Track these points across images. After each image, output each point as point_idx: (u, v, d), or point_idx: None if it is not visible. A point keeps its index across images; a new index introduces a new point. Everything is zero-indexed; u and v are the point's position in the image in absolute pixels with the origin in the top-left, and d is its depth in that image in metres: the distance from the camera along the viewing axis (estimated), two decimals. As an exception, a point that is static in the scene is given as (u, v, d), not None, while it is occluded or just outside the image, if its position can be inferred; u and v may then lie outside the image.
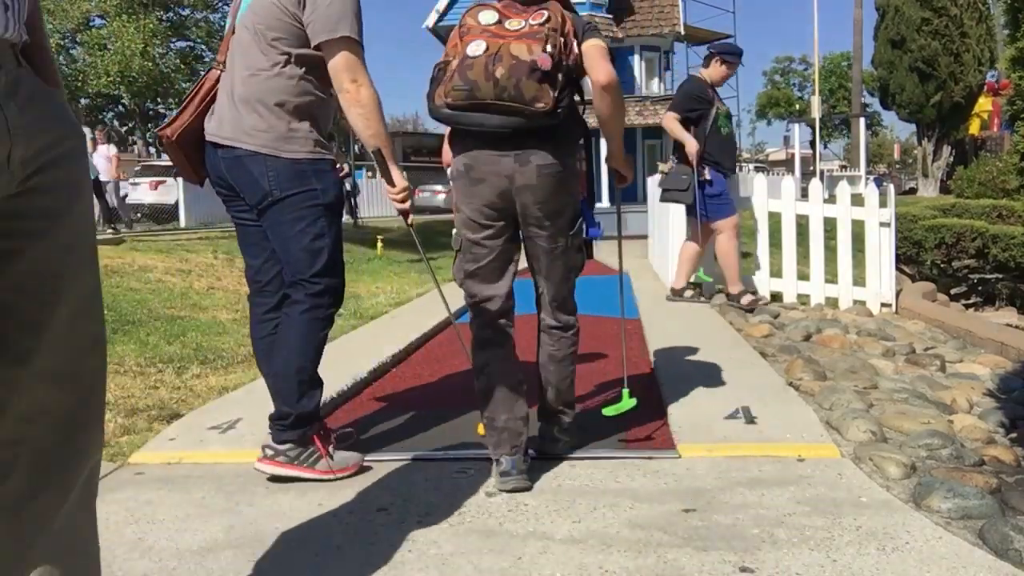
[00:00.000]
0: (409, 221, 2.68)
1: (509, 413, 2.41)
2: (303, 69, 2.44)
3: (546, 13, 2.28)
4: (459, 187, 2.42)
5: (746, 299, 5.65)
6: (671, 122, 5.69)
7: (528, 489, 2.36)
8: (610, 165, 2.70)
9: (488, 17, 2.32)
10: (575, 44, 2.32)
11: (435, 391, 3.67)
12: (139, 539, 2.10)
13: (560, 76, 2.23)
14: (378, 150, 2.45)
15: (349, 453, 2.59)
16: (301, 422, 2.47)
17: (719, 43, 6.79)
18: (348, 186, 17.55)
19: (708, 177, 5.58)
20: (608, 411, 2.76)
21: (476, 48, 2.25)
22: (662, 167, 6.02)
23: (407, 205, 2.61)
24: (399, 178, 2.53)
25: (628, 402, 2.74)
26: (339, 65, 2.38)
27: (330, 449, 2.51)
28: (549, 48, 2.20)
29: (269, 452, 2.48)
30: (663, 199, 6.03)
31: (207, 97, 2.52)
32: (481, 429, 2.56)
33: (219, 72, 2.53)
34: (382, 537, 2.06)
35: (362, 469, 2.55)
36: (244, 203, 2.53)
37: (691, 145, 5.54)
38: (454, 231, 2.53)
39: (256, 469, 2.48)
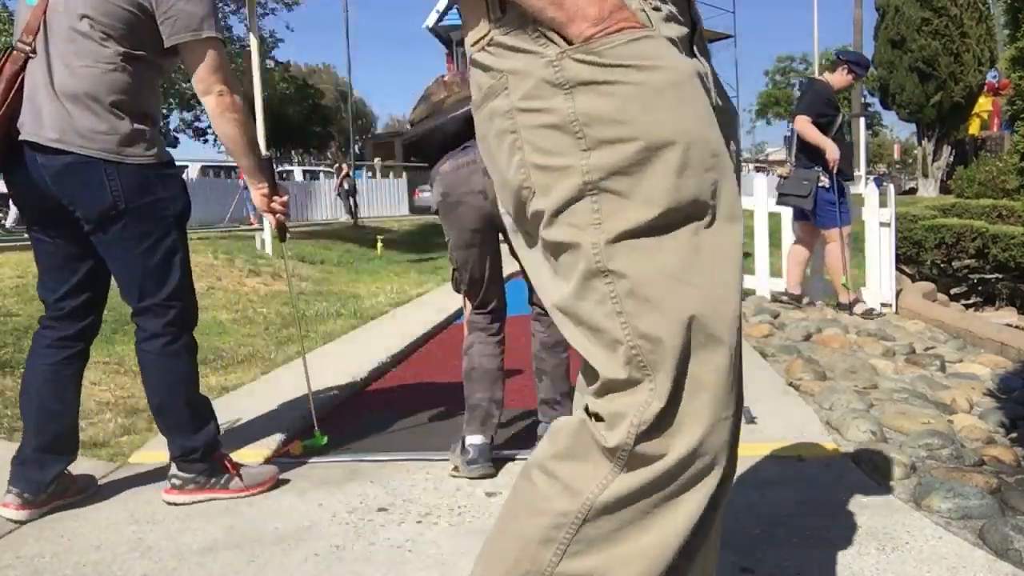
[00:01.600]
0: (286, 237, 2.61)
1: (484, 392, 2.59)
2: (142, 65, 2.20)
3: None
4: (442, 216, 2.58)
5: (859, 308, 5.53)
6: (806, 125, 5.54)
7: (493, 475, 2.48)
8: None
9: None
10: None
11: (435, 391, 3.67)
12: (139, 539, 2.10)
13: None
14: (269, 159, 2.33)
15: (262, 468, 2.49)
16: (210, 450, 2.35)
17: (850, 52, 6.44)
18: (347, 186, 17.55)
19: (826, 184, 5.47)
20: None
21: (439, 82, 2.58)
22: (780, 170, 5.93)
23: (284, 218, 2.51)
24: (282, 191, 2.47)
25: None
26: (206, 69, 2.18)
27: (240, 469, 2.40)
28: None
29: (177, 482, 2.33)
30: (780, 202, 5.82)
31: (12, 85, 2.12)
32: None
33: (25, 57, 2.14)
34: (382, 537, 2.06)
35: (278, 483, 2.45)
36: (59, 218, 2.18)
37: (832, 151, 5.40)
38: (448, 248, 2.63)
39: (166, 502, 2.32)
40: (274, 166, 2.39)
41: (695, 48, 1.03)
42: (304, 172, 26.49)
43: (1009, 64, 4.99)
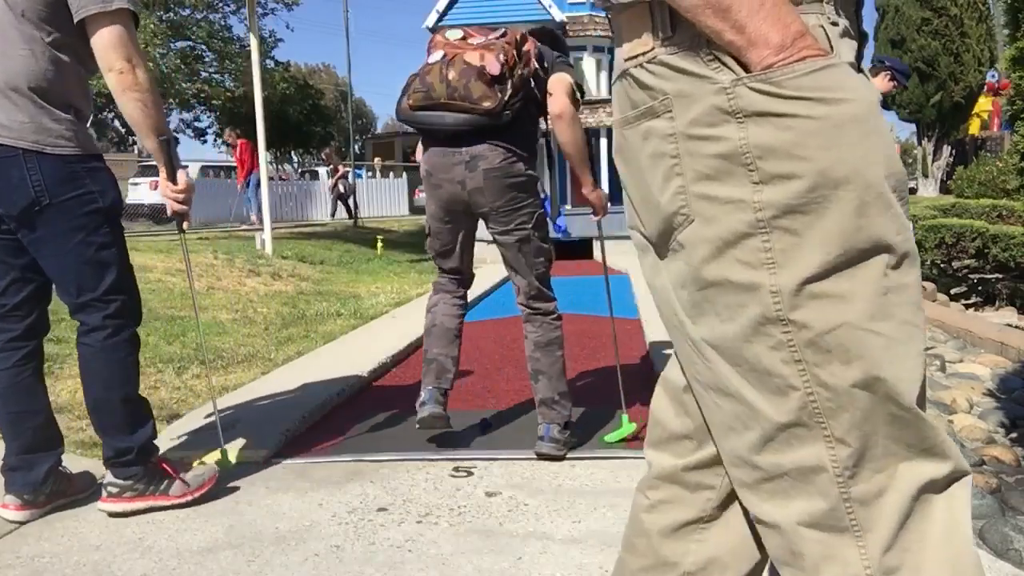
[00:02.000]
0: (185, 225, 2.36)
1: (441, 348, 2.76)
2: (64, 49, 2.09)
3: (504, 29, 2.60)
4: (425, 188, 2.73)
5: None
6: None
7: (442, 419, 2.63)
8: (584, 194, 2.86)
9: (454, 34, 2.60)
10: (534, 61, 2.57)
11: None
12: (139, 539, 2.10)
13: (509, 83, 2.48)
14: (166, 140, 2.16)
15: (201, 469, 2.40)
16: (145, 453, 2.24)
17: (894, 59, 6.26)
18: (343, 188, 17.45)
19: None
20: (609, 438, 2.80)
21: (435, 56, 2.54)
22: None
23: (186, 207, 2.31)
24: (183, 175, 2.27)
25: (628, 427, 2.79)
26: (110, 42, 2.03)
27: (181, 473, 2.31)
28: (501, 57, 2.47)
29: (113, 490, 2.21)
30: None
31: None
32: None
33: None
34: (382, 537, 2.06)
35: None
36: None
37: None
38: (425, 216, 2.80)
39: (101, 511, 2.23)
40: (173, 151, 2.21)
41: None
42: (303, 172, 26.53)
43: (1009, 64, 4.98)
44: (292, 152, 31.73)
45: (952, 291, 7.23)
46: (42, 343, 2.33)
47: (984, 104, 19.88)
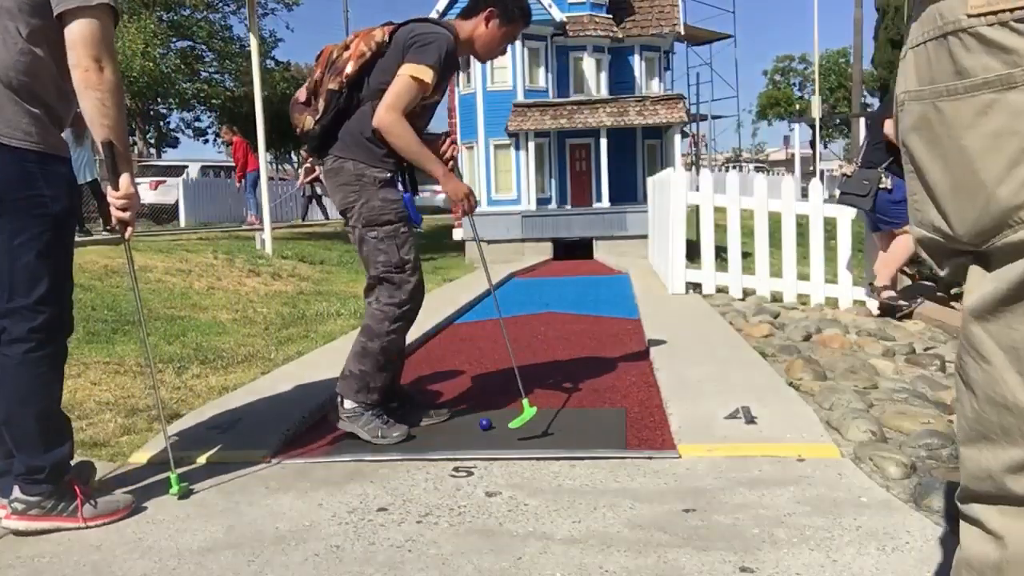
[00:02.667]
0: (127, 235, 2.29)
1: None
2: (41, 45, 2.02)
3: (328, 51, 2.82)
4: None
5: (886, 294, 5.40)
6: (893, 128, 5.47)
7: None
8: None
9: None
10: (352, 63, 2.73)
11: (435, 391, 3.67)
12: (139, 539, 2.10)
13: (321, 99, 2.76)
14: (109, 143, 2.08)
15: (117, 496, 2.28)
16: (57, 472, 2.13)
17: None
18: (319, 189, 17.17)
19: (889, 185, 5.34)
20: (513, 424, 2.83)
21: None
22: (844, 168, 5.75)
23: (127, 215, 2.21)
24: (126, 182, 2.17)
25: (529, 411, 2.83)
26: (81, 36, 1.98)
27: (92, 495, 2.20)
28: (308, 84, 2.85)
29: (19, 507, 2.10)
30: (840, 201, 5.67)
31: None
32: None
33: None
34: (382, 537, 2.06)
35: (137, 510, 2.26)
36: None
37: None
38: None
39: (4, 528, 2.13)
40: (119, 156, 2.12)
41: None
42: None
43: (1009, 64, 4.98)
44: (292, 152, 31.74)
45: (952, 291, 7.23)
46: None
47: (984, 104, 19.88)
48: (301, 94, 2.83)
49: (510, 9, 2.88)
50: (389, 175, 2.78)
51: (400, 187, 2.84)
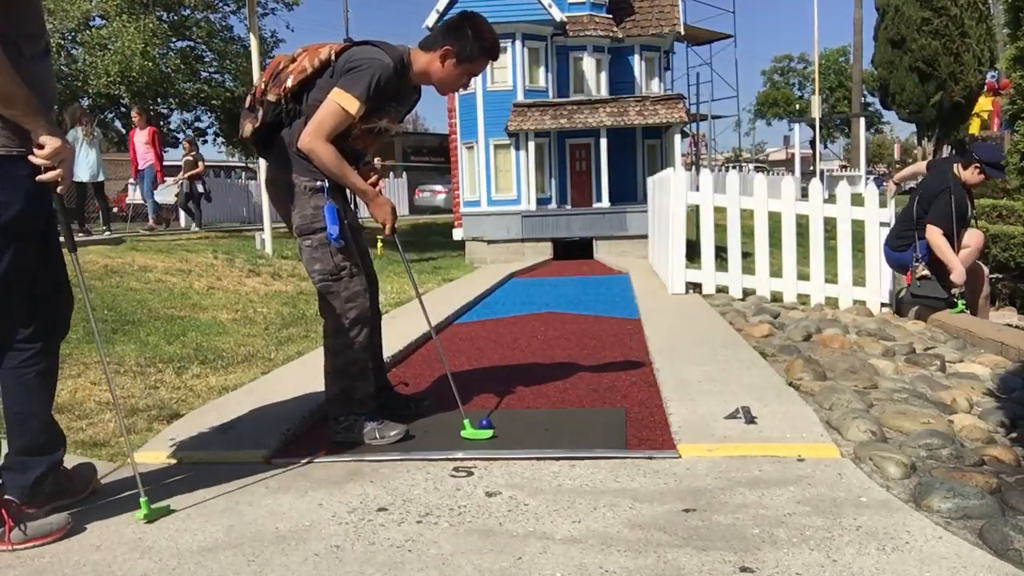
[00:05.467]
0: (59, 190, 2.05)
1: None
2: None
3: (277, 61, 2.81)
4: None
5: (957, 291, 5.39)
6: (937, 237, 5.34)
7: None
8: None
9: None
10: (291, 80, 2.72)
11: (435, 391, 3.67)
12: (139, 539, 2.10)
13: (262, 109, 2.77)
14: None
15: (53, 518, 2.15)
16: None
17: (984, 146, 5.80)
18: (200, 188, 14.48)
19: (928, 273, 5.40)
20: (466, 435, 2.86)
21: None
22: (918, 269, 5.54)
23: (52, 174, 1.98)
24: (44, 138, 1.94)
25: (480, 432, 2.85)
26: None
27: (25, 521, 2.09)
28: (254, 91, 2.84)
29: None
30: (916, 302, 5.62)
31: None
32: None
33: None
34: (382, 537, 2.06)
35: (72, 532, 2.14)
36: None
37: (959, 275, 5.28)
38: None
39: None
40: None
41: None
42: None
43: (1009, 64, 4.98)
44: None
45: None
46: (54, 346, 2.26)
47: (984, 104, 19.86)
48: (246, 100, 2.82)
49: (468, 49, 2.75)
50: (319, 183, 2.73)
51: (328, 197, 2.73)
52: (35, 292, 2.17)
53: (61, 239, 2.22)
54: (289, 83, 2.72)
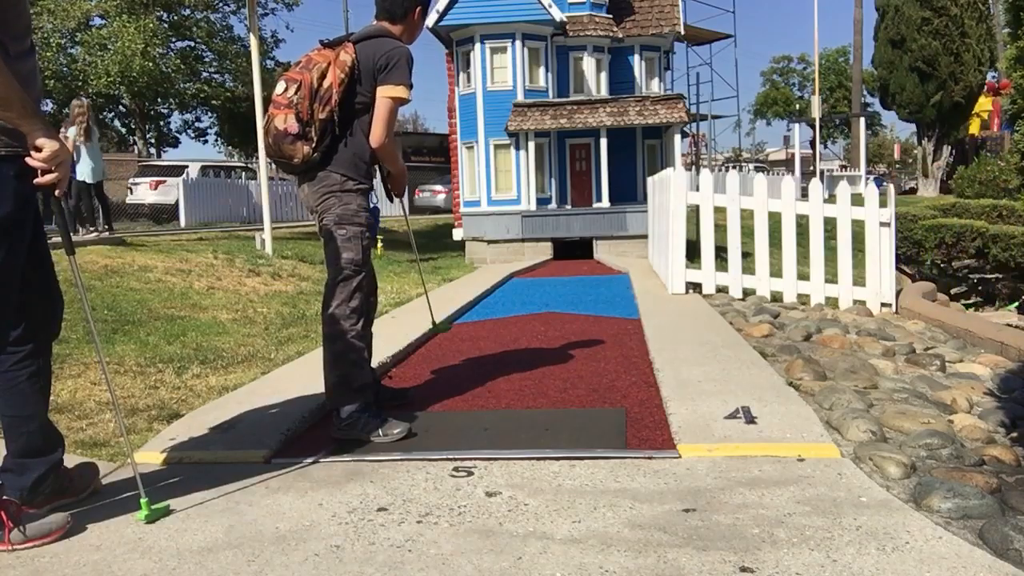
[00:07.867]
0: (57, 193, 2.05)
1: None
2: None
3: (299, 80, 2.84)
4: None
5: None
6: None
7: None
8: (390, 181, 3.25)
9: (279, 88, 2.90)
10: (336, 92, 2.84)
11: (435, 391, 3.67)
12: (139, 539, 2.10)
13: (314, 129, 2.84)
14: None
15: (52, 518, 2.15)
16: None
17: None
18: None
19: None
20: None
21: (266, 116, 2.96)
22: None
23: (50, 177, 1.97)
24: (42, 141, 1.94)
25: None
26: None
27: (25, 522, 2.09)
28: (299, 115, 2.83)
29: None
30: None
31: None
32: None
33: None
34: (382, 537, 2.06)
35: (72, 532, 2.14)
36: None
37: None
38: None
39: None
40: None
41: None
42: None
43: (1009, 64, 4.98)
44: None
45: (952, 291, 7.23)
46: (45, 347, 2.24)
47: (984, 104, 19.88)
48: (293, 126, 2.84)
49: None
50: (365, 186, 2.99)
51: (374, 201, 3.05)
52: (24, 292, 2.15)
53: (55, 240, 2.21)
54: (335, 98, 2.87)
